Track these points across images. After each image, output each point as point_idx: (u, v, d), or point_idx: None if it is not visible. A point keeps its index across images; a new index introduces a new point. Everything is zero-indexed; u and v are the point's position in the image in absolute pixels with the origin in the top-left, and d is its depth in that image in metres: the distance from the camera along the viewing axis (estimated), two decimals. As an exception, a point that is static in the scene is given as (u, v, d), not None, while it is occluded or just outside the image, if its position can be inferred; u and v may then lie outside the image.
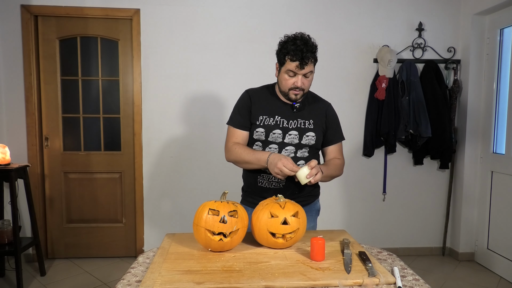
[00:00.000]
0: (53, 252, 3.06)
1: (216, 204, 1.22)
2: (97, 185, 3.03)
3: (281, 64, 1.47)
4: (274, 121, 1.51)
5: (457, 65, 3.08)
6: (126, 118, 3.01)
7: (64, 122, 3.00)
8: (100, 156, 3.03)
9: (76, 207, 3.04)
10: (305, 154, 1.55)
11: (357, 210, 3.19)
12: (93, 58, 2.98)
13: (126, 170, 3.04)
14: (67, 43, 2.94)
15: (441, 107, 2.96)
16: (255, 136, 1.53)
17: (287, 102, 1.54)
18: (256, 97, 1.56)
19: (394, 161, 3.18)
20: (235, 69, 2.96)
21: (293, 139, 1.52)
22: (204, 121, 3.00)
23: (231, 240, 1.20)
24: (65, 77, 2.96)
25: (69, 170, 3.01)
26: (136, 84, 2.94)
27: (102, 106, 3.01)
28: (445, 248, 3.25)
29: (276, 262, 1.16)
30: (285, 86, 1.47)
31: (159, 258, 1.18)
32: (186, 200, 3.03)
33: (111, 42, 2.96)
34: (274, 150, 1.51)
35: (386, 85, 2.92)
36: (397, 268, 1.15)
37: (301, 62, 1.40)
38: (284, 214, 1.23)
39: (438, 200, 3.25)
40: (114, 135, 3.04)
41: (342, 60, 3.05)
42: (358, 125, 3.11)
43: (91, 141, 3.04)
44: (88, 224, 3.06)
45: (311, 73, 1.46)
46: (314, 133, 1.53)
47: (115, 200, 3.06)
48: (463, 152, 3.11)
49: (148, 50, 2.92)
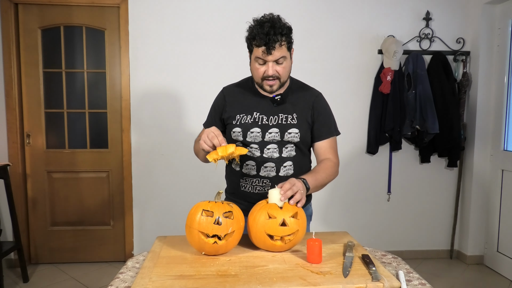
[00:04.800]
0: (37, 257, 3.05)
1: (210, 204, 1.22)
2: (83, 185, 3.03)
3: (250, 52, 1.42)
4: (252, 118, 1.46)
5: (466, 57, 3.09)
6: (113, 114, 3.00)
7: (47, 118, 2.98)
8: (86, 154, 3.02)
9: (61, 209, 3.03)
10: (291, 153, 1.48)
11: (360, 211, 3.21)
12: (77, 49, 2.96)
13: (114, 169, 3.04)
14: (50, 33, 2.92)
15: (449, 101, 2.97)
16: (233, 136, 1.49)
17: (266, 95, 1.48)
18: (231, 95, 1.53)
19: (400, 159, 3.19)
20: (231, 61, 2.96)
21: (274, 137, 1.45)
22: (198, 116, 2.98)
23: (226, 243, 1.21)
24: (47, 69, 2.95)
25: (53, 169, 3.00)
26: (124, 76, 2.93)
27: (88, 100, 3.00)
28: (452, 250, 3.27)
29: (274, 266, 1.16)
30: (257, 76, 1.42)
31: (149, 262, 1.18)
32: (178, 200, 3.03)
33: (97, 32, 2.95)
34: (255, 150, 1.47)
35: (391, 78, 2.93)
36: (403, 272, 1.16)
37: (267, 47, 1.32)
38: (282, 215, 1.23)
39: (445, 200, 3.27)
40: (100, 131, 3.03)
41: (345, 51, 3.05)
42: (361, 121, 3.11)
43: (76, 138, 3.03)
44: (73, 227, 3.05)
45: (285, 59, 1.38)
46: (298, 130, 1.46)
47: (102, 201, 3.05)
48: (472, 149, 3.13)
49: (137, 40, 2.90)
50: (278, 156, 1.47)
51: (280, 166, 1.47)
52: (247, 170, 1.50)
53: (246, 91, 1.53)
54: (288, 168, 1.49)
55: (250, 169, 1.49)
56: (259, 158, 1.48)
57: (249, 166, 1.49)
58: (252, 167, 1.49)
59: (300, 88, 1.54)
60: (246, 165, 1.50)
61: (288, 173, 1.49)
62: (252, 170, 1.49)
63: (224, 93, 1.56)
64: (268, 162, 1.47)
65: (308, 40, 3.00)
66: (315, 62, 3.02)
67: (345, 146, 3.07)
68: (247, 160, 1.49)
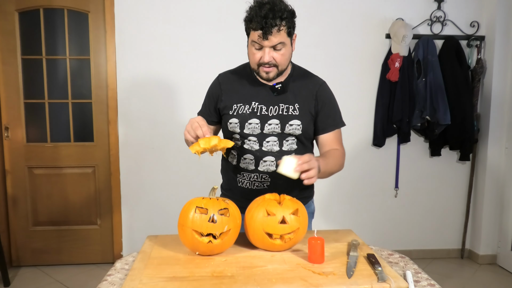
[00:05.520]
0: (18, 259, 3.05)
1: (204, 201, 1.23)
2: (67, 181, 3.02)
3: (247, 35, 1.40)
4: (250, 108, 1.45)
5: (481, 42, 3.09)
6: (99, 104, 2.99)
7: (27, 109, 2.97)
8: (70, 148, 3.01)
9: (44, 208, 3.03)
10: (293, 147, 1.48)
11: (365, 208, 3.22)
12: (59, 34, 2.94)
13: (100, 164, 3.03)
14: (28, 16, 2.90)
15: (462, 90, 2.97)
16: (230, 128, 1.48)
17: (266, 83, 1.46)
18: (227, 82, 1.51)
19: (408, 152, 3.20)
20: (225, 46, 2.94)
21: (274, 129, 1.44)
22: (191, 106, 2.97)
23: (221, 242, 1.21)
24: (26, 56, 2.92)
25: (34, 165, 2.99)
26: (110, 63, 2.91)
27: (71, 90, 2.98)
28: (464, 250, 3.30)
29: (273, 266, 1.17)
30: (253, 62, 1.40)
31: (139, 263, 1.19)
32: (170, 197, 3.04)
33: (80, 15, 2.92)
34: (254, 143, 1.46)
35: (399, 64, 2.92)
36: (410, 272, 1.16)
37: (264, 31, 1.30)
38: (282, 212, 1.24)
39: (457, 196, 3.29)
40: (85, 123, 3.03)
41: (350, 36, 3.04)
42: (367, 111, 3.12)
43: (58, 131, 3.02)
44: (58, 227, 3.05)
45: (284, 45, 1.36)
46: (300, 121, 1.45)
47: (88, 198, 3.05)
48: (486, 142, 3.14)
49: (123, 24, 2.88)
50: (278, 150, 1.47)
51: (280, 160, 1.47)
52: (244, 164, 1.50)
53: (243, 79, 1.51)
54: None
55: (248, 164, 1.49)
56: (258, 152, 1.47)
57: (247, 160, 1.49)
58: (250, 161, 1.49)
59: (302, 76, 1.52)
60: (243, 159, 1.50)
61: None
62: (250, 165, 1.49)
63: (220, 81, 1.54)
64: (267, 156, 1.47)
65: (309, 24, 2.99)
66: (317, 47, 3.01)
67: (350, 139, 3.07)
68: (245, 154, 1.49)
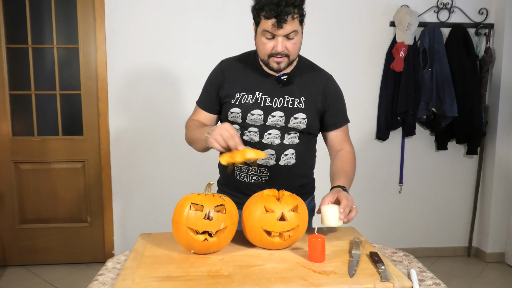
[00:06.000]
0: (5, 258, 3.05)
1: (200, 197, 1.23)
2: (56, 177, 3.02)
3: (256, 24, 1.40)
4: (254, 98, 1.46)
5: (489, 30, 3.08)
6: (88, 95, 2.98)
7: (12, 101, 2.96)
8: (58, 142, 3.00)
9: (31, 205, 3.03)
10: (294, 140, 1.49)
11: (368, 204, 3.23)
12: (46, 22, 2.92)
13: (90, 159, 3.03)
14: (13, 3, 2.87)
15: (469, 81, 2.97)
16: (231, 118, 1.49)
17: (272, 73, 1.48)
18: (230, 70, 1.51)
19: (413, 146, 3.21)
20: (223, 35, 2.93)
21: (277, 121, 1.45)
22: (185, 98, 2.97)
23: (218, 240, 1.21)
24: (11, 45, 2.91)
25: (21, 160, 2.98)
26: (100, 53, 2.89)
27: (59, 80, 2.97)
28: (471, 248, 3.32)
29: (272, 265, 1.17)
30: (264, 52, 1.40)
31: (132, 262, 1.19)
32: (163, 193, 3.04)
33: (67, 1, 2.90)
34: (254, 134, 1.46)
35: (404, 54, 2.92)
36: (415, 271, 1.17)
37: (278, 19, 1.30)
38: (281, 208, 1.24)
39: (464, 192, 3.30)
40: (74, 116, 3.02)
41: (352, 23, 3.03)
42: (371, 103, 3.11)
43: (46, 124, 3.02)
44: (46, 225, 3.05)
45: (296, 34, 1.38)
46: (305, 115, 1.46)
47: (78, 195, 3.06)
48: (494, 135, 3.15)
49: (114, 11, 2.86)
50: (279, 143, 1.47)
51: (280, 154, 1.47)
52: None
53: (247, 67, 1.51)
54: (290, 157, 1.49)
55: None
56: (258, 144, 1.47)
57: None
58: None
59: (309, 68, 1.54)
60: None
61: (289, 163, 1.49)
62: None
63: (222, 67, 1.54)
64: (267, 148, 1.47)
65: (310, 11, 2.93)
66: (318, 36, 2.99)
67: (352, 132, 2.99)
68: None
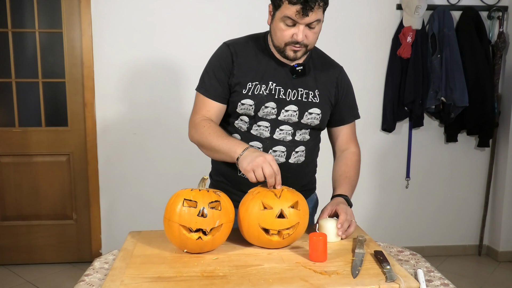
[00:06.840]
0: (-16, 257, 3.06)
1: (193, 193, 1.23)
2: (39, 171, 3.02)
3: (275, 8, 1.33)
4: (268, 89, 1.42)
5: (503, 13, 3.07)
6: (73, 84, 2.97)
7: (-9, 89, 2.94)
8: (41, 134, 2.99)
9: (12, 200, 3.03)
10: (305, 137, 1.48)
11: (373, 200, 3.25)
12: (26, 4, 2.89)
13: (75, 152, 3.03)
14: (-9, -17, 2.85)
15: (481, 68, 2.97)
16: (240, 109, 1.43)
17: (285, 62, 1.44)
18: (241, 55, 1.43)
19: (421, 138, 3.21)
20: (218, 19, 2.92)
21: (290, 116, 1.43)
22: (178, 86, 2.96)
23: (212, 238, 1.22)
24: (-11, 28, 2.89)
25: (1, 153, 2.98)
26: (86, 38, 2.88)
27: (41, 67, 2.96)
28: (482, 246, 3.35)
29: (270, 265, 1.17)
30: (281, 39, 1.35)
31: (121, 262, 1.19)
32: (154, 189, 3.04)
33: (50, -18, 2.88)
34: (265, 129, 1.43)
35: (412, 39, 2.91)
36: (422, 270, 1.18)
37: (304, 6, 1.25)
38: (280, 205, 1.24)
39: (474, 187, 3.32)
40: (58, 105, 3.01)
41: (356, 6, 3.02)
42: (376, 91, 3.11)
43: (28, 114, 3.01)
44: (28, 222, 3.06)
45: (318, 23, 1.33)
46: (320, 110, 1.45)
47: (62, 190, 3.06)
48: (508, 126, 3.16)
49: (100, -8, 2.84)
50: (291, 139, 1.45)
51: (291, 151, 1.46)
52: None
53: (258, 53, 1.45)
54: (300, 154, 1.48)
55: None
56: (268, 140, 1.44)
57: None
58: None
59: (321, 58, 1.52)
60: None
61: (299, 160, 1.49)
62: None
63: (231, 49, 1.44)
64: (278, 145, 1.45)
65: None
66: (320, 19, 2.98)
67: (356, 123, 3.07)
68: (252, 141, 1.45)
